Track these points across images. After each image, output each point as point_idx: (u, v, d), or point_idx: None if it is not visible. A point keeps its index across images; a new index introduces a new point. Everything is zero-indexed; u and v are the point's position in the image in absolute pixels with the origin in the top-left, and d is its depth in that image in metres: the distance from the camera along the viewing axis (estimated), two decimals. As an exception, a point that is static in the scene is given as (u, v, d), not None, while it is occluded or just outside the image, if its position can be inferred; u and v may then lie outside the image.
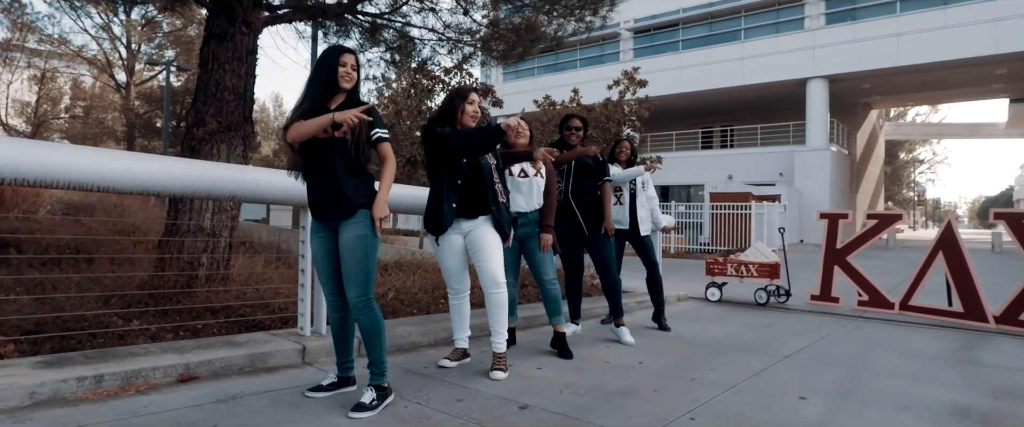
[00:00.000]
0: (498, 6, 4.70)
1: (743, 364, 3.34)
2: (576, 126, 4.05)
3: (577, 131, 4.03)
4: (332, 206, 2.35)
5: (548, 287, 3.41)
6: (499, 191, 3.01)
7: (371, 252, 2.34)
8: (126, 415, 2.10)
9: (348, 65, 2.41)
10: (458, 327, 3.14)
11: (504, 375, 2.89)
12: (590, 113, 15.01)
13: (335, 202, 2.34)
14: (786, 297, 6.16)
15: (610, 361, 3.33)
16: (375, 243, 2.36)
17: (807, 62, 20.32)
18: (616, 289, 4.02)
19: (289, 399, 2.40)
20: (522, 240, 3.45)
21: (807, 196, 19.70)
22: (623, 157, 4.61)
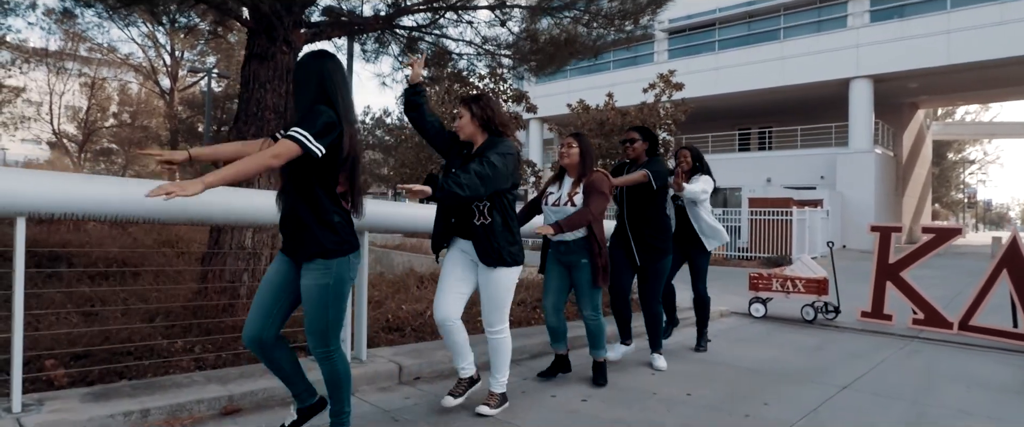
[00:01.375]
0: (536, 19, 4.61)
1: (798, 397, 3.18)
2: (631, 139, 3.75)
3: (632, 144, 3.74)
4: (291, 240, 2.06)
5: (588, 322, 3.30)
6: (481, 212, 2.63)
7: (334, 303, 2.06)
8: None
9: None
10: (456, 355, 2.82)
11: (491, 411, 2.73)
12: (625, 117, 14.81)
13: (294, 236, 2.04)
14: (835, 314, 5.91)
15: (657, 392, 3.21)
16: (340, 291, 2.06)
17: (850, 61, 19.63)
18: (657, 323, 3.85)
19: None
20: (569, 267, 3.26)
21: (850, 200, 19.02)
22: (685, 167, 4.27)
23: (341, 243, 2.02)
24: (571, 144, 3.22)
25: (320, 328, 2.06)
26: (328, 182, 1.99)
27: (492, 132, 2.70)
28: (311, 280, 2.01)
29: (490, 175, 2.49)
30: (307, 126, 1.87)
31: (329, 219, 1.99)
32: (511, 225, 2.68)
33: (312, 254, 1.99)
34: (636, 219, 3.67)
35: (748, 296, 6.35)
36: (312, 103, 1.97)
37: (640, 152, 3.74)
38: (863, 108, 19.50)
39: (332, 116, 1.92)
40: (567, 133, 3.28)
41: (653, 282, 3.76)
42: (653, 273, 3.74)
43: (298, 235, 2.01)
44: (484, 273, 2.68)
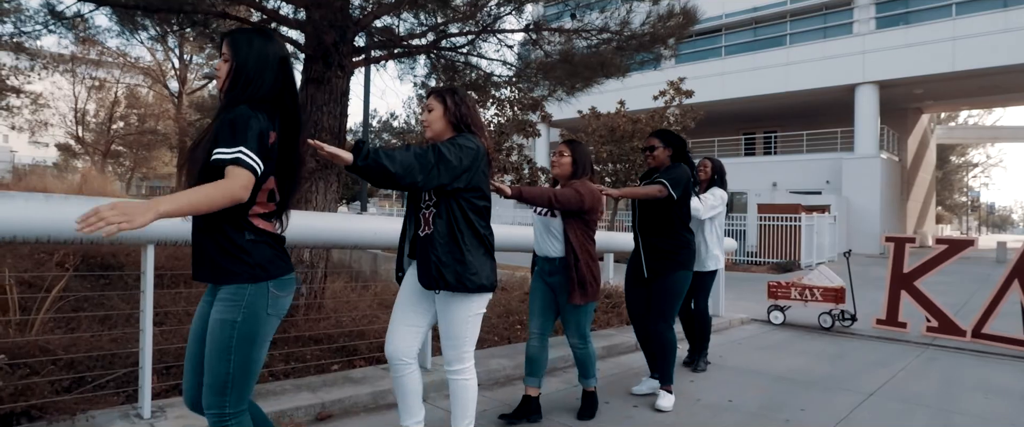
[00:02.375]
0: (571, 41, 4.86)
1: (830, 403, 3.42)
2: (651, 146, 3.39)
3: (652, 152, 3.38)
4: (197, 261, 1.65)
5: (574, 351, 2.99)
6: (425, 220, 2.20)
7: (240, 346, 1.59)
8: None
9: (220, 59, 1.71)
10: (402, 406, 2.29)
11: None
12: (636, 124, 15.06)
13: (200, 257, 1.64)
14: (851, 321, 6.14)
15: (701, 398, 3.46)
16: (250, 331, 1.60)
17: (856, 67, 19.87)
18: (666, 352, 3.30)
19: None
20: (555, 289, 2.91)
21: (856, 205, 19.26)
22: (704, 177, 4.14)
23: (257, 266, 1.60)
24: (562, 152, 2.94)
25: (218, 379, 1.58)
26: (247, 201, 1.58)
27: (465, 130, 2.25)
28: (217, 314, 1.60)
29: (432, 161, 2.01)
30: (247, 142, 1.52)
31: (245, 237, 1.60)
32: (460, 239, 2.12)
33: (221, 279, 1.61)
34: (648, 227, 3.31)
35: (765, 304, 6.59)
36: (269, 95, 1.63)
37: (663, 159, 3.36)
38: (869, 113, 19.74)
39: (263, 121, 1.56)
40: (561, 140, 3.04)
41: (661, 300, 3.25)
42: (662, 289, 3.25)
43: (206, 262, 1.61)
44: (444, 303, 2.19)
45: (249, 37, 1.65)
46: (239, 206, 1.54)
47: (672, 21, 5.04)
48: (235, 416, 1.60)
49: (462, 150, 2.10)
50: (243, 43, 1.63)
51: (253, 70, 1.62)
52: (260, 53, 1.63)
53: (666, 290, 3.26)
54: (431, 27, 4.92)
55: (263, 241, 1.63)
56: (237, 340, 1.58)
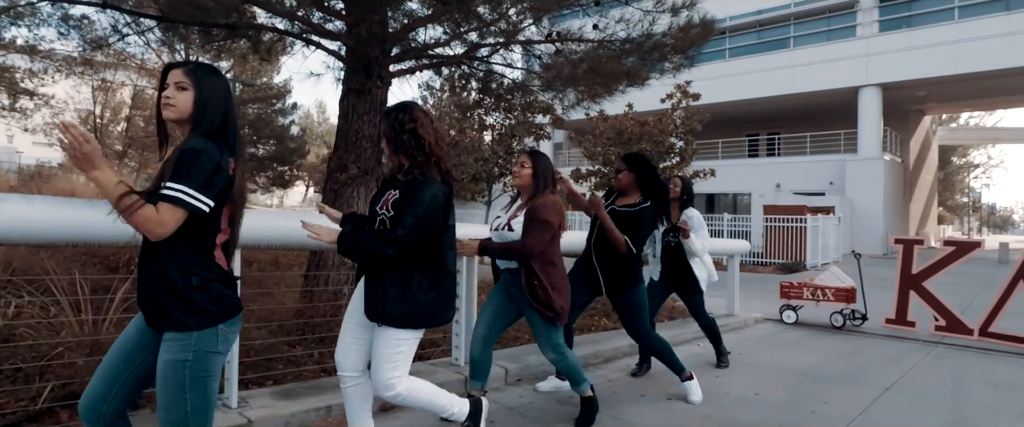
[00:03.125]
0: (598, 53, 5.08)
1: (851, 397, 3.64)
2: (618, 168, 3.39)
3: (617, 175, 3.38)
4: (145, 306, 1.64)
5: (555, 365, 2.93)
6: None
7: (194, 385, 1.60)
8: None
9: (170, 85, 1.67)
10: (350, 417, 2.32)
11: None
12: (643, 127, 15.28)
13: (146, 301, 1.63)
14: (862, 320, 6.36)
15: (729, 392, 3.68)
16: (203, 369, 1.61)
17: (860, 70, 20.10)
18: (663, 349, 3.45)
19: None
20: (516, 302, 2.83)
21: (859, 206, 19.49)
22: (674, 196, 4.06)
23: (204, 312, 1.60)
24: (524, 164, 2.80)
25: (176, 420, 1.60)
26: (202, 236, 1.62)
27: (416, 163, 2.16)
28: (165, 355, 1.59)
29: (402, 237, 2.03)
30: (191, 180, 1.54)
31: (192, 283, 1.60)
32: (411, 279, 2.11)
33: (167, 326, 1.60)
34: (604, 250, 3.30)
35: (776, 303, 6.81)
36: (218, 127, 1.66)
37: (627, 183, 3.35)
38: (872, 115, 19.98)
39: (215, 156, 1.59)
40: (524, 151, 2.95)
41: (634, 314, 3.34)
42: (629, 303, 3.33)
43: (152, 303, 1.61)
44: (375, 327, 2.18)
45: (209, 69, 1.70)
46: (201, 238, 1.61)
47: (693, 32, 5.25)
48: None
49: (428, 207, 2.08)
50: (205, 75, 1.67)
51: (215, 102, 1.66)
52: (221, 86, 1.69)
53: (631, 305, 3.33)
54: (454, 34, 5.11)
55: (215, 279, 1.63)
56: (190, 379, 1.59)
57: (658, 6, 5.21)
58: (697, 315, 4.30)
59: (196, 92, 1.65)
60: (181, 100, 1.64)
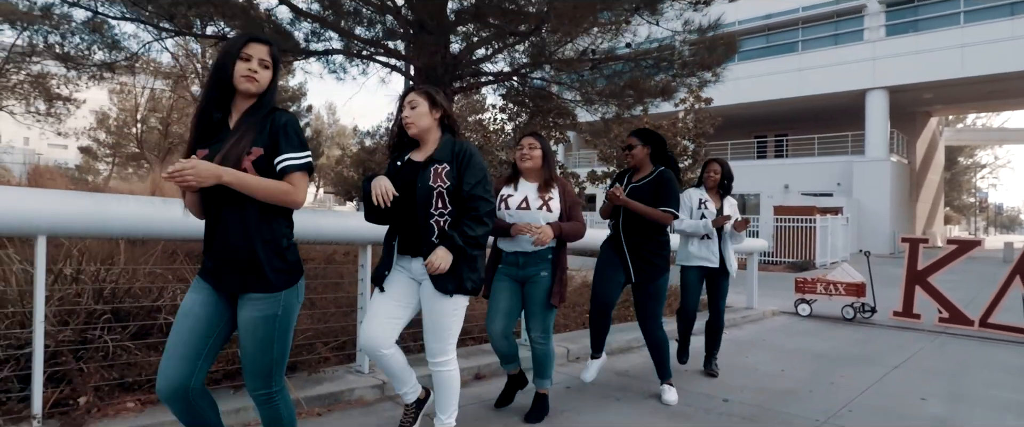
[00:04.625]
0: (635, 72, 5.67)
1: (864, 373, 4.21)
2: (630, 144, 3.29)
3: (631, 151, 3.30)
4: (237, 273, 1.72)
5: (535, 346, 2.92)
6: (438, 227, 2.28)
7: (280, 337, 1.77)
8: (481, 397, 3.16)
9: (254, 59, 1.73)
10: (397, 381, 2.50)
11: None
12: (657, 130, 15.85)
13: (243, 268, 1.72)
14: (871, 313, 6.91)
15: (758, 368, 4.26)
16: (289, 323, 1.79)
17: (867, 73, 20.59)
18: (663, 350, 3.41)
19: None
20: (523, 282, 2.87)
21: (866, 207, 19.97)
22: (712, 183, 3.97)
23: (292, 270, 1.77)
24: (533, 145, 2.87)
25: (264, 367, 1.77)
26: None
27: (447, 130, 2.37)
28: (255, 312, 1.72)
29: (491, 208, 2.30)
30: (302, 146, 1.72)
31: (283, 244, 1.74)
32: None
33: (257, 287, 1.72)
34: (634, 232, 3.24)
35: (789, 298, 7.38)
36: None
37: (641, 158, 3.29)
38: (879, 118, 20.46)
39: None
40: (525, 132, 3.00)
41: (653, 303, 3.32)
42: (650, 293, 3.29)
43: (243, 264, 1.70)
44: (433, 298, 2.32)
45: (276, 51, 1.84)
46: (287, 210, 1.75)
47: (718, 51, 5.83)
48: (279, 393, 1.83)
49: (482, 171, 2.31)
50: (279, 57, 1.85)
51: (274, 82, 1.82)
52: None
53: (653, 294, 3.30)
54: (500, 48, 5.66)
55: (293, 239, 1.81)
56: (277, 332, 1.76)
57: (686, 27, 5.80)
58: (718, 301, 4.06)
59: (274, 72, 1.79)
60: (263, 77, 1.75)
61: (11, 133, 31.07)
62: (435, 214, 2.27)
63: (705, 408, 3.29)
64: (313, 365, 3.11)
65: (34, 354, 2.24)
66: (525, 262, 2.82)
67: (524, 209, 2.80)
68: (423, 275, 2.31)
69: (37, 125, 19.87)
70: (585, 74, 5.61)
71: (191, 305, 1.75)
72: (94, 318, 2.60)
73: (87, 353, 2.50)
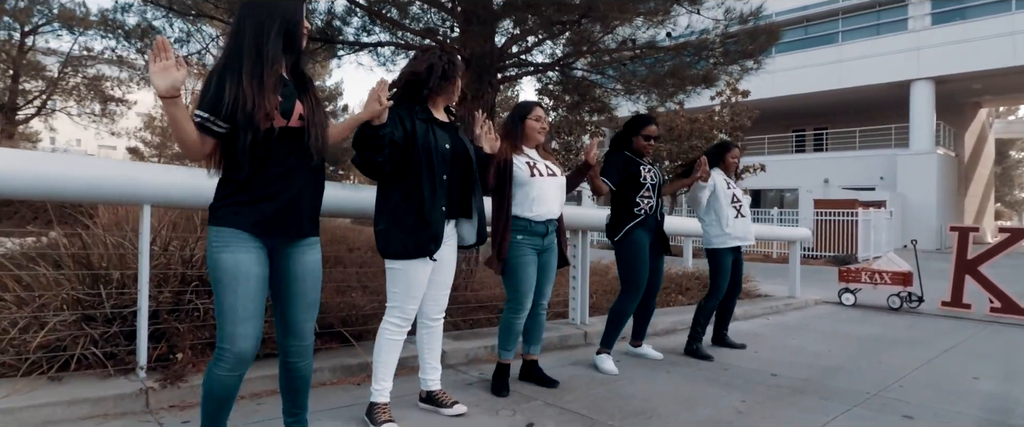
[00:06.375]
0: (677, 60, 5.73)
1: (913, 354, 4.21)
2: (655, 135, 3.54)
3: (656, 140, 3.56)
4: (301, 220, 1.81)
5: (541, 313, 3.00)
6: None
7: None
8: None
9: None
10: (433, 357, 2.62)
11: (463, 407, 2.57)
12: (694, 124, 15.75)
13: (308, 215, 1.83)
14: (918, 303, 6.80)
15: (805, 348, 4.30)
16: None
17: (911, 63, 20.02)
18: (650, 315, 3.79)
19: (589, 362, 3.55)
20: (541, 253, 2.87)
21: (911, 201, 19.43)
22: (733, 169, 4.20)
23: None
24: (543, 117, 2.94)
25: (317, 306, 1.91)
26: None
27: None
28: (315, 255, 1.86)
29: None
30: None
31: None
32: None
33: (314, 231, 1.87)
34: (660, 211, 3.54)
35: (831, 292, 7.31)
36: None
37: (655, 148, 3.79)
38: (924, 109, 19.87)
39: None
40: (532, 102, 3.01)
41: (660, 278, 3.70)
42: (660, 268, 3.65)
43: (307, 213, 1.82)
44: (453, 255, 2.51)
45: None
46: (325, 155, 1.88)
47: (760, 39, 5.85)
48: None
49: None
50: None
51: None
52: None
53: (662, 269, 3.71)
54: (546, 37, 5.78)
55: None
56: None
57: (727, 15, 5.83)
58: (740, 279, 4.18)
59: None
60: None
61: (67, 134, 32.61)
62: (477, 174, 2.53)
63: (753, 381, 3.36)
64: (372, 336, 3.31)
65: (140, 312, 2.48)
66: (547, 230, 2.84)
67: (553, 176, 2.87)
68: (449, 238, 2.43)
69: (92, 126, 20.86)
70: (626, 64, 5.69)
71: (250, 265, 1.72)
72: (185, 283, 2.83)
73: (182, 314, 2.73)
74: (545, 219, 2.81)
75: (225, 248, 1.71)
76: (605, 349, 3.50)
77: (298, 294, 1.84)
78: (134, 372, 2.51)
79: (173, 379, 2.45)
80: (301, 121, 1.78)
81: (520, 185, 2.76)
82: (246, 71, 1.67)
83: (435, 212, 2.30)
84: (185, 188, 2.54)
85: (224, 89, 1.66)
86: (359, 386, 2.87)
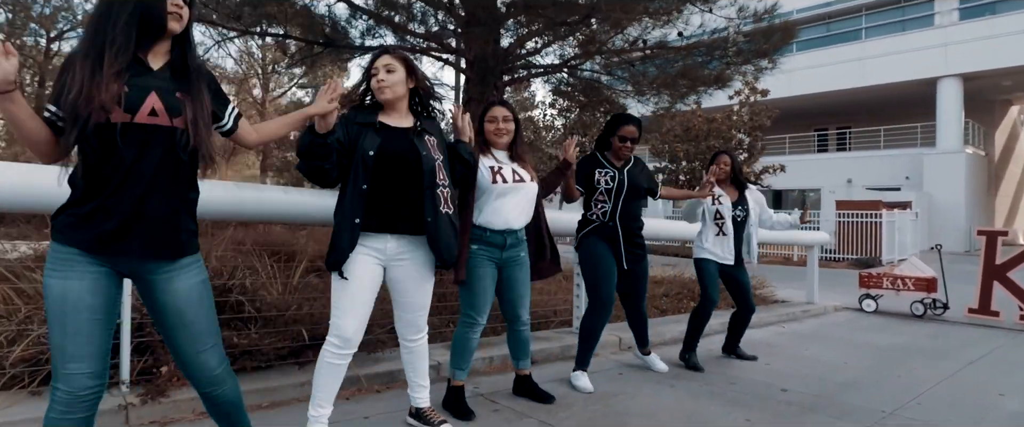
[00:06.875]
0: (688, 60, 5.58)
1: (935, 367, 4.01)
2: (632, 136, 3.25)
3: (634, 143, 3.27)
4: (162, 238, 1.53)
5: (522, 330, 2.83)
6: (444, 197, 2.23)
7: (212, 299, 1.66)
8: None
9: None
10: (420, 373, 2.50)
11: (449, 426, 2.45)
12: (711, 123, 15.48)
13: (172, 234, 1.54)
14: (943, 310, 6.53)
15: (820, 359, 4.12)
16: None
17: (938, 60, 19.45)
18: (647, 323, 3.66)
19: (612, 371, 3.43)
20: (503, 266, 2.67)
21: (939, 202, 18.87)
22: (723, 175, 3.88)
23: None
24: (508, 118, 2.74)
25: (214, 330, 1.65)
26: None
27: (418, 102, 2.34)
28: (194, 278, 1.59)
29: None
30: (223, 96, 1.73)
31: (195, 195, 1.64)
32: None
33: (187, 250, 1.59)
34: (627, 215, 3.29)
35: (852, 296, 7.06)
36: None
37: (632, 151, 3.38)
38: (952, 107, 19.30)
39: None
40: (493, 102, 2.85)
41: (644, 284, 3.52)
42: (641, 274, 3.45)
43: (173, 231, 1.54)
44: (423, 274, 2.28)
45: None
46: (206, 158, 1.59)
47: (775, 37, 5.67)
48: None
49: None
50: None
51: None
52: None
53: (644, 275, 3.49)
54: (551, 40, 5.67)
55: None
56: (210, 292, 1.65)
57: (741, 14, 5.65)
58: (750, 298, 4.00)
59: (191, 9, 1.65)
60: (186, 14, 1.61)
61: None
62: (440, 184, 2.21)
63: (762, 396, 3.21)
64: (372, 346, 3.22)
65: (123, 327, 2.43)
66: (515, 242, 2.65)
67: (520, 182, 2.63)
68: (399, 255, 2.19)
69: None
70: (635, 64, 5.55)
71: (81, 295, 1.45)
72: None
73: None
74: (502, 229, 2.59)
75: (54, 271, 1.45)
76: (580, 367, 3.28)
77: (178, 327, 1.58)
78: (117, 386, 2.46)
79: (154, 394, 2.40)
80: (153, 117, 1.48)
81: (480, 191, 2.58)
82: (80, 56, 1.44)
83: (345, 223, 2.11)
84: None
85: (66, 78, 1.43)
86: (380, 394, 2.80)
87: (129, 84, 1.47)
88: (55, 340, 1.45)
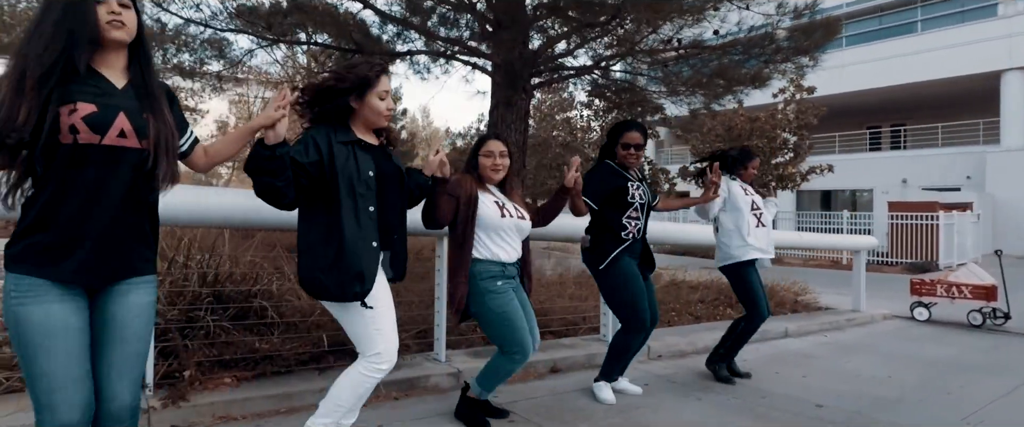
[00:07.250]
0: (724, 59, 5.40)
1: (989, 384, 3.74)
2: (637, 143, 3.09)
3: (639, 150, 3.12)
4: (120, 259, 1.48)
5: (529, 352, 2.57)
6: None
7: (153, 324, 1.61)
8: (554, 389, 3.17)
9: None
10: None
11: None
12: (754, 123, 15.00)
13: (128, 253, 1.49)
14: (1004, 320, 6.12)
15: (862, 373, 3.91)
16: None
17: (1002, 53, 18.34)
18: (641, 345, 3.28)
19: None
20: (518, 291, 2.63)
21: (1003, 202, 17.78)
22: (749, 177, 3.71)
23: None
24: (504, 154, 2.64)
25: (143, 367, 1.57)
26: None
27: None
28: (144, 297, 1.52)
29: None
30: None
31: (155, 218, 1.57)
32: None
33: (144, 270, 1.53)
34: (645, 233, 3.17)
35: (905, 303, 6.68)
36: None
37: (640, 159, 3.27)
38: (1017, 102, 18.17)
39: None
40: (489, 135, 2.75)
41: (653, 296, 3.25)
42: (651, 288, 3.24)
43: (131, 251, 1.49)
44: (387, 290, 2.13)
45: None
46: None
47: (816, 34, 5.43)
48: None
49: None
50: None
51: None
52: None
53: (652, 287, 3.26)
54: (581, 42, 5.58)
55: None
56: (153, 316, 1.57)
57: (780, 10, 5.44)
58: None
59: (138, 14, 1.52)
60: (130, 20, 1.49)
61: (146, 143, 34.81)
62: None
63: (794, 412, 3.06)
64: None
65: (148, 330, 2.49)
66: (515, 270, 2.61)
67: (522, 219, 2.59)
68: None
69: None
70: (669, 64, 5.41)
71: (66, 316, 1.40)
72: (199, 300, 2.85)
73: (192, 332, 2.75)
74: (515, 261, 2.59)
75: (26, 298, 1.38)
76: (604, 378, 3.16)
77: (117, 341, 1.48)
78: (141, 390, 2.52)
79: (177, 398, 2.46)
80: (122, 138, 1.42)
81: (491, 228, 2.49)
82: (9, 69, 1.36)
83: (363, 246, 1.97)
84: (190, 206, 2.53)
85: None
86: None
87: (98, 103, 1.41)
88: (39, 368, 1.36)
